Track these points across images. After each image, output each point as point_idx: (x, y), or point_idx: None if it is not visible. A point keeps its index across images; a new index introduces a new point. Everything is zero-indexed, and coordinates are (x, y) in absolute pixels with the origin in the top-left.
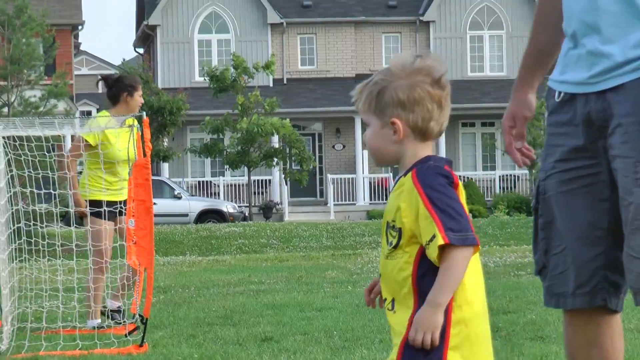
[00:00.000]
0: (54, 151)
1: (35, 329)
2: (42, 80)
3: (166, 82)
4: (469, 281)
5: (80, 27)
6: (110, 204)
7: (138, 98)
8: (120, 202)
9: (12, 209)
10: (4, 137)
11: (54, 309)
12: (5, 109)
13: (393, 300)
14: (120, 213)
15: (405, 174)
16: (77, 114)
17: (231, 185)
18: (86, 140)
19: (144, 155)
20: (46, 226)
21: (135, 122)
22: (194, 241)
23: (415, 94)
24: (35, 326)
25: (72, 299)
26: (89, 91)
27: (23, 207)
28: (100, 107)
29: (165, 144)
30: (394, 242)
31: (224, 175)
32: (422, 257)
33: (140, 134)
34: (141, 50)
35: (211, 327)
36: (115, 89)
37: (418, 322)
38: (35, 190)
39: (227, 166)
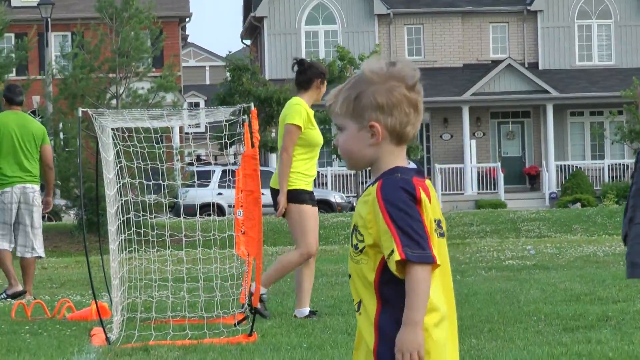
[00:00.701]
0: (162, 142)
1: (144, 319)
2: (150, 72)
3: (273, 73)
4: (435, 282)
5: (187, 19)
6: (308, 193)
7: (325, 87)
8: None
9: (122, 200)
10: (113, 129)
11: (164, 299)
12: (114, 101)
13: (360, 302)
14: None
15: (373, 183)
16: (185, 106)
17: (339, 175)
18: (297, 125)
19: (252, 146)
20: (155, 217)
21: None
22: None
23: (393, 98)
24: (144, 316)
25: (181, 289)
26: (197, 83)
27: (132, 198)
28: (207, 99)
29: (273, 134)
30: (360, 247)
31: (331, 166)
32: (384, 265)
33: (248, 125)
34: (248, 42)
35: (320, 316)
36: (310, 73)
37: (402, 345)
38: (144, 182)
39: (335, 156)
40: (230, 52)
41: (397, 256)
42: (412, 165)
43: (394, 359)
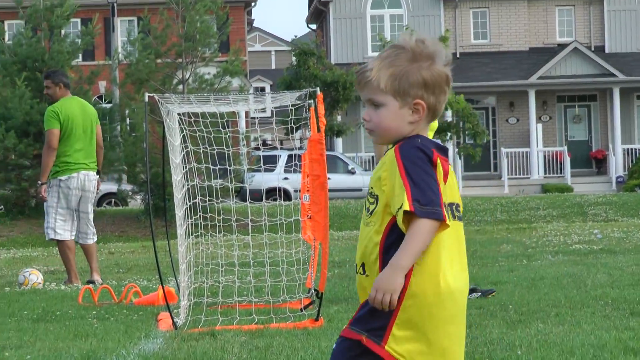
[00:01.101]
0: (228, 127)
1: (211, 304)
2: (216, 57)
3: (339, 57)
4: (446, 259)
5: (253, 4)
6: None
7: None
8: None
9: (188, 184)
10: (179, 114)
11: (230, 283)
12: (180, 86)
13: (363, 265)
14: None
15: (393, 146)
16: (251, 91)
17: None
18: None
19: (318, 130)
20: (221, 202)
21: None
22: None
23: (436, 76)
24: (211, 301)
25: (248, 274)
26: (262, 67)
27: (199, 183)
28: (273, 84)
29: (339, 119)
30: (371, 209)
31: None
32: (391, 228)
33: (314, 109)
34: (314, 26)
35: None
36: None
37: (378, 282)
38: (210, 166)
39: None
40: (296, 36)
41: (406, 206)
42: (437, 141)
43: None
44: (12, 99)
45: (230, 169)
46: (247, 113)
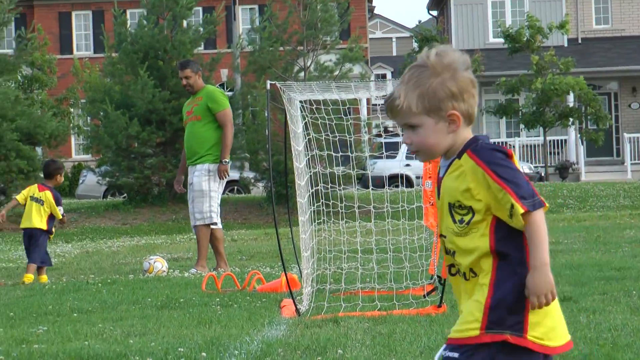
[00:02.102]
0: (350, 114)
1: (334, 290)
2: (337, 44)
3: (460, 43)
4: None
5: None
6: None
7: None
8: None
9: (311, 172)
10: (301, 101)
11: (353, 270)
12: (302, 74)
13: (471, 269)
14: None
15: (459, 157)
16: (372, 78)
17: (526, 145)
18: None
19: None
20: (344, 188)
21: None
22: None
23: (462, 83)
24: (334, 287)
25: (370, 260)
26: (383, 54)
27: (321, 170)
28: (394, 70)
29: None
30: (467, 219)
31: (519, 136)
32: (496, 225)
33: None
34: (435, 13)
35: None
36: None
37: (535, 288)
38: (332, 153)
39: (523, 126)
40: (420, 21)
41: (519, 209)
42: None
43: (509, 302)
44: (135, 88)
45: (352, 156)
46: (368, 100)
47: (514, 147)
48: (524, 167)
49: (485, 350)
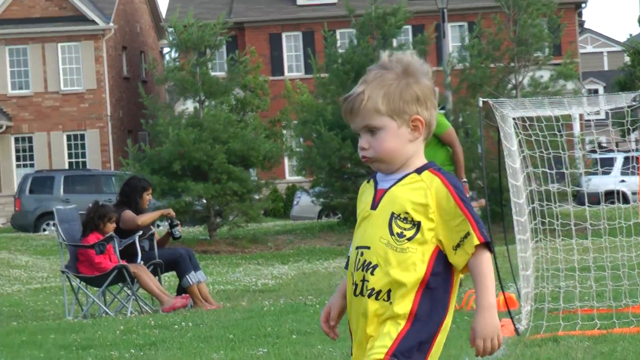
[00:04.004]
0: (563, 130)
1: (552, 309)
2: (549, 60)
3: None
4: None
5: (583, 5)
6: None
7: None
8: None
9: (527, 189)
10: (514, 118)
11: (570, 288)
12: (514, 91)
13: (389, 292)
14: None
15: (418, 172)
16: (584, 93)
17: None
18: None
19: None
20: (559, 206)
21: None
22: None
23: (426, 90)
24: (552, 306)
25: (588, 278)
26: (595, 69)
27: (535, 187)
28: (606, 85)
29: None
30: (409, 235)
31: None
32: (437, 257)
33: None
34: None
35: None
36: None
37: (482, 330)
38: (547, 170)
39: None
40: (631, 35)
41: (475, 240)
42: None
43: (421, 341)
44: None
45: (566, 173)
46: (581, 116)
47: None
48: None
49: None
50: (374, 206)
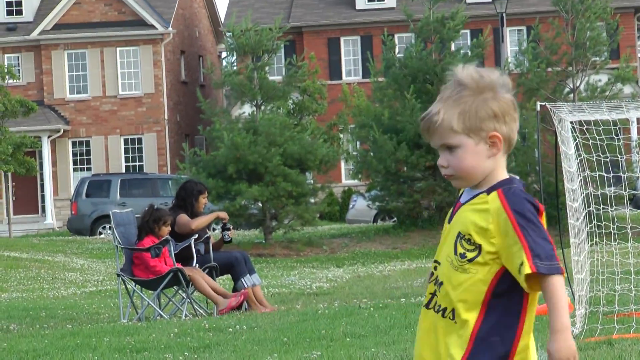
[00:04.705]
0: (620, 134)
1: (607, 312)
2: (607, 64)
3: None
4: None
5: None
6: None
7: None
8: None
9: (583, 193)
10: (571, 122)
11: (626, 292)
12: (571, 95)
13: (454, 311)
14: None
15: (488, 192)
16: None
17: None
18: None
19: None
20: (615, 209)
21: None
22: None
23: (504, 105)
24: (607, 309)
25: None
26: None
27: (592, 190)
28: None
29: None
30: (470, 257)
31: None
32: (501, 278)
33: None
34: None
35: None
36: None
37: (556, 353)
38: (604, 174)
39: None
40: None
41: (527, 269)
42: (517, 177)
43: None
44: (403, 112)
45: (624, 177)
46: (638, 119)
47: None
48: None
49: None
50: (450, 219)
